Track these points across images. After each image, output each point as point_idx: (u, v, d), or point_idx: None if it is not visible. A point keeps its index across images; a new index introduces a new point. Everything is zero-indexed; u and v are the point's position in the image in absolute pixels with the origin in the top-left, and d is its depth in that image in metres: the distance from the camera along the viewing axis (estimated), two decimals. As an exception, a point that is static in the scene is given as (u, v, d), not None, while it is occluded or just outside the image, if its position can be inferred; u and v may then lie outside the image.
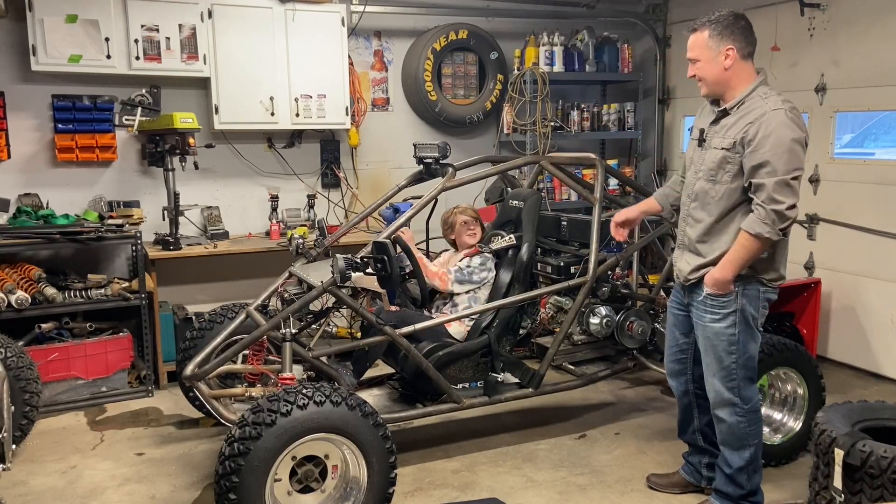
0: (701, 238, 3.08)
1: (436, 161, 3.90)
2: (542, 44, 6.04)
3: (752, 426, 3.15)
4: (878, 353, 5.06)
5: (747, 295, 3.03)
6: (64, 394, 4.62)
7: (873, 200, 4.93)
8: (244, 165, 5.63)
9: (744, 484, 3.19)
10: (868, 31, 4.92)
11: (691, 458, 3.54)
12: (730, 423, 3.14)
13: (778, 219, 2.86)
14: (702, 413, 3.42)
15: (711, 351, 3.11)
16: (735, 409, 3.12)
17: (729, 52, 2.95)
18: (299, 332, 3.68)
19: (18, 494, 3.58)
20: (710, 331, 3.09)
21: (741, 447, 3.15)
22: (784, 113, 2.88)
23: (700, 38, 2.99)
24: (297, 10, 5.26)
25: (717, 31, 2.95)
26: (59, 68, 4.73)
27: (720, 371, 3.10)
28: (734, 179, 2.96)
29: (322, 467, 3.07)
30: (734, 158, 2.94)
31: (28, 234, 4.55)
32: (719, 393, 3.13)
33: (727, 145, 2.96)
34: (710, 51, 2.97)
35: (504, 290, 4.02)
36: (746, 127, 2.91)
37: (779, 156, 2.83)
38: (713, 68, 2.98)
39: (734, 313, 3.03)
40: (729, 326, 3.04)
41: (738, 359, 3.07)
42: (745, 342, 3.06)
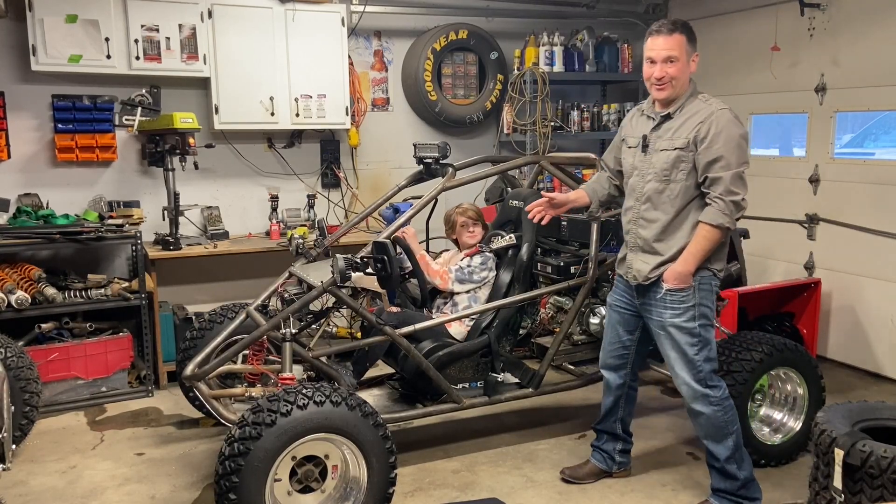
0: (658, 237, 3.19)
1: (436, 161, 3.90)
2: (542, 44, 6.04)
3: (727, 413, 3.23)
4: (878, 353, 5.06)
5: (702, 289, 3.16)
6: (64, 394, 4.63)
7: (873, 200, 4.93)
8: (244, 165, 5.63)
9: (736, 474, 3.25)
10: (868, 31, 4.92)
11: (605, 446, 3.69)
12: (707, 414, 3.21)
13: (735, 209, 3.06)
14: (628, 403, 3.61)
15: (675, 347, 3.20)
16: (709, 399, 3.20)
17: (696, 59, 3.16)
18: (299, 332, 3.68)
19: (18, 494, 3.58)
20: (671, 326, 3.18)
21: (723, 437, 3.23)
22: (729, 112, 3.09)
23: (681, 40, 3.11)
24: (297, 10, 5.26)
25: (692, 37, 3.14)
26: (59, 68, 4.73)
27: (686, 366, 3.19)
28: (688, 177, 3.11)
29: (322, 467, 3.07)
30: (688, 157, 3.09)
31: (28, 234, 4.55)
32: (690, 387, 3.20)
33: (681, 145, 3.10)
34: (687, 54, 3.13)
35: (504, 291, 4.02)
36: (697, 126, 3.07)
37: (731, 150, 3.02)
38: (685, 72, 3.14)
39: (693, 307, 3.14)
40: (689, 320, 3.15)
41: (701, 351, 3.16)
42: (705, 334, 3.17)
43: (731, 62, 5.94)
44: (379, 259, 3.31)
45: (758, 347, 3.70)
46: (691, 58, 3.14)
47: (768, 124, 5.98)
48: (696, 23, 6.15)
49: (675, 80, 3.11)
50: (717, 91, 5.95)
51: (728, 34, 5.95)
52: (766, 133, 6.08)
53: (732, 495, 3.28)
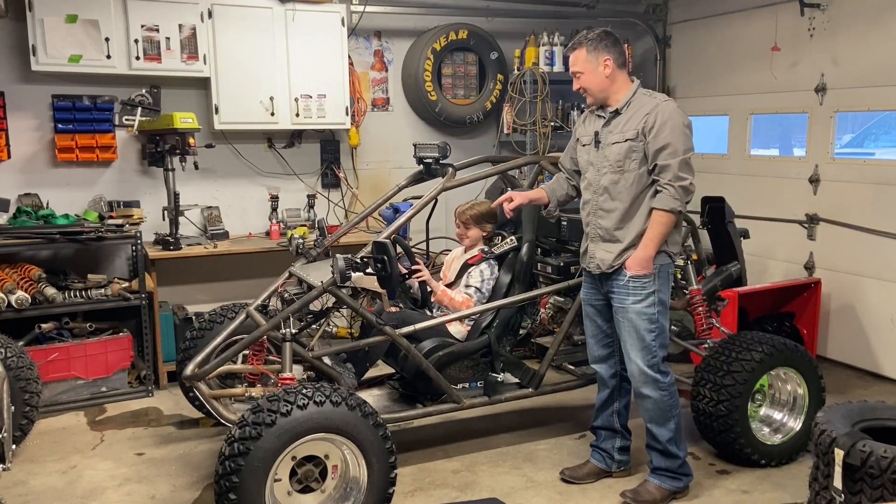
0: (617, 225, 3.34)
1: (436, 161, 3.90)
2: (542, 44, 6.04)
3: (672, 398, 3.41)
4: (878, 353, 5.06)
5: (661, 276, 3.32)
6: (64, 394, 4.63)
7: (873, 200, 4.93)
8: (244, 165, 5.63)
9: (676, 453, 3.44)
10: (868, 31, 4.92)
11: (604, 445, 3.74)
12: (654, 398, 3.37)
13: (685, 193, 3.21)
14: (622, 396, 3.68)
15: (634, 332, 3.34)
16: (658, 384, 3.36)
17: (607, 62, 3.31)
18: (299, 332, 3.68)
19: (18, 494, 3.58)
20: (631, 311, 3.33)
21: (667, 420, 3.40)
22: (672, 103, 3.29)
23: (579, 54, 3.34)
24: (297, 10, 5.26)
25: (594, 45, 3.32)
26: (59, 68, 4.73)
27: (642, 350, 3.33)
28: (640, 165, 3.27)
29: (322, 467, 3.07)
30: (639, 146, 3.26)
31: (28, 234, 4.55)
32: (642, 371, 3.35)
33: (631, 136, 3.27)
34: (591, 63, 3.33)
35: (504, 291, 4.02)
36: (644, 118, 3.25)
37: (677, 138, 3.20)
38: (596, 78, 3.33)
39: (654, 294, 3.30)
40: (649, 306, 3.31)
41: (657, 337, 3.33)
42: (661, 320, 3.34)
43: (731, 62, 5.94)
44: (379, 259, 3.31)
45: (758, 347, 3.70)
46: (600, 64, 3.30)
47: (768, 124, 5.99)
48: (696, 23, 6.23)
49: (588, 88, 3.36)
50: (717, 91, 6.00)
51: (728, 34, 5.95)
52: (766, 133, 6.09)
53: (673, 473, 3.47)
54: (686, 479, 3.51)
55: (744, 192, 5.71)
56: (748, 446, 3.72)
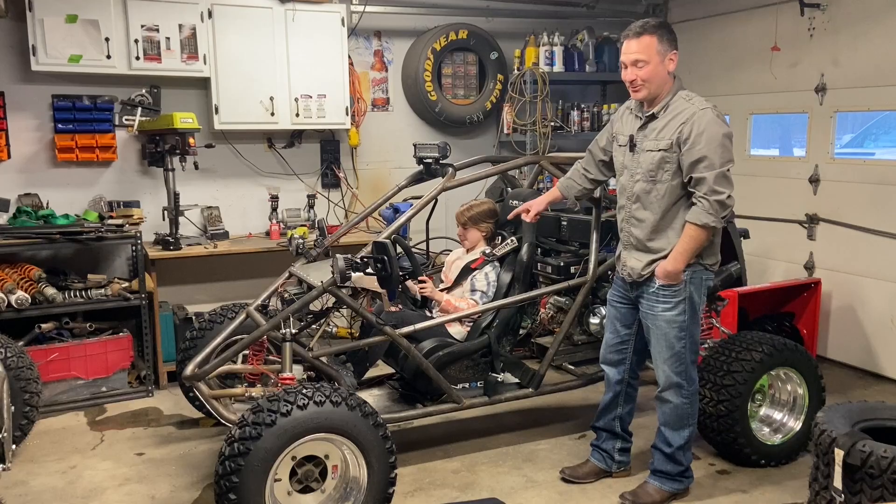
0: (649, 236, 3.27)
1: (436, 161, 3.90)
2: (542, 44, 6.04)
3: (693, 406, 3.40)
4: (878, 353, 5.06)
5: (694, 282, 3.24)
6: (64, 394, 4.62)
7: (873, 200, 4.93)
8: (244, 165, 5.63)
9: (682, 461, 3.43)
10: (868, 31, 4.92)
11: (604, 445, 3.72)
12: (675, 404, 3.35)
13: (720, 208, 3.09)
14: (627, 401, 3.64)
15: (663, 338, 3.29)
16: (681, 391, 3.33)
17: (673, 57, 3.18)
18: (299, 332, 3.68)
19: (18, 494, 3.58)
20: (661, 319, 3.27)
21: (682, 427, 3.38)
22: (711, 111, 3.14)
23: (650, 42, 3.15)
24: (297, 10, 5.26)
25: (665, 36, 3.16)
26: (59, 68, 4.73)
27: (671, 357, 3.29)
28: (674, 177, 3.17)
29: (322, 467, 3.07)
30: (672, 157, 3.15)
31: (28, 234, 4.55)
32: (668, 377, 3.32)
33: (664, 146, 3.15)
34: (659, 55, 3.16)
35: (504, 291, 4.02)
36: (680, 127, 3.12)
37: (714, 150, 3.06)
38: (660, 72, 3.17)
39: (684, 301, 3.24)
40: (679, 314, 3.24)
41: (687, 344, 3.28)
42: (692, 327, 3.29)
43: (731, 62, 5.94)
44: (379, 259, 3.31)
45: (758, 347, 3.70)
46: (667, 57, 3.16)
47: (768, 124, 5.98)
48: (696, 23, 6.22)
49: (647, 82, 3.18)
50: (717, 91, 5.99)
51: (728, 34, 5.95)
52: (766, 133, 6.08)
53: (673, 477, 3.45)
54: (687, 481, 3.50)
55: (744, 192, 5.65)
56: (748, 446, 3.72)
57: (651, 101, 3.24)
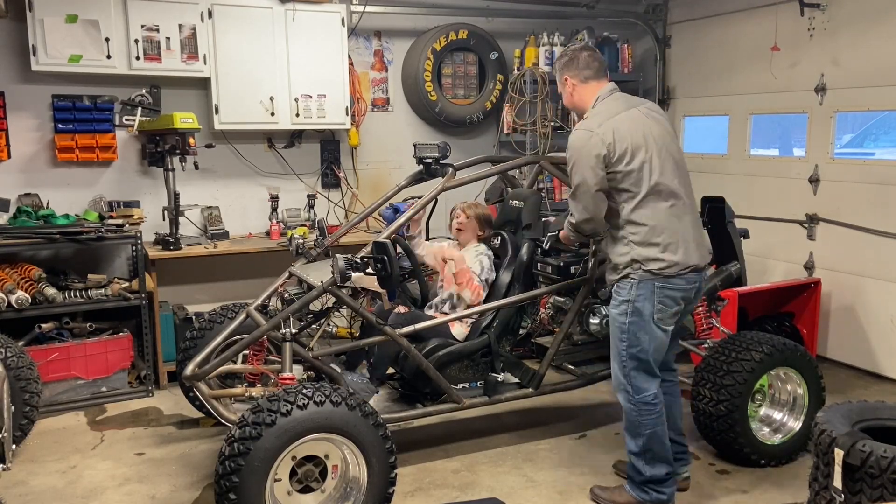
0: None
1: (436, 161, 3.90)
2: (542, 44, 6.04)
3: (643, 416, 3.27)
4: (878, 353, 5.06)
5: (641, 289, 3.17)
6: (64, 394, 4.63)
7: (873, 200, 4.93)
8: (244, 165, 5.63)
9: (642, 469, 3.31)
10: (868, 31, 4.92)
11: None
12: (624, 408, 3.33)
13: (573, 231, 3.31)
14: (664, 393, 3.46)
15: (613, 337, 3.31)
16: (627, 395, 3.29)
17: (565, 80, 3.32)
18: (299, 332, 3.68)
19: (18, 494, 3.58)
20: (611, 315, 3.32)
21: (635, 434, 3.31)
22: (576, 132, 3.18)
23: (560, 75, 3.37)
24: (297, 10, 5.26)
25: (557, 67, 3.38)
26: (59, 68, 4.73)
27: (615, 356, 3.30)
28: None
29: (322, 467, 3.07)
30: None
31: (28, 234, 4.55)
32: (616, 376, 3.32)
33: None
34: (560, 84, 3.38)
35: (504, 290, 4.02)
36: None
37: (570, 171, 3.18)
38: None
39: (626, 303, 3.20)
40: (621, 314, 3.23)
41: (628, 348, 3.22)
42: (636, 333, 3.20)
43: (731, 62, 5.94)
44: (379, 259, 3.31)
45: (758, 347, 3.70)
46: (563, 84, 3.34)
47: (768, 124, 5.99)
48: (696, 23, 6.23)
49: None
50: (717, 91, 6.00)
51: (728, 34, 5.95)
52: (765, 133, 6.09)
53: (638, 486, 3.36)
54: (655, 494, 3.30)
55: (744, 192, 5.71)
56: (748, 446, 3.72)
57: None
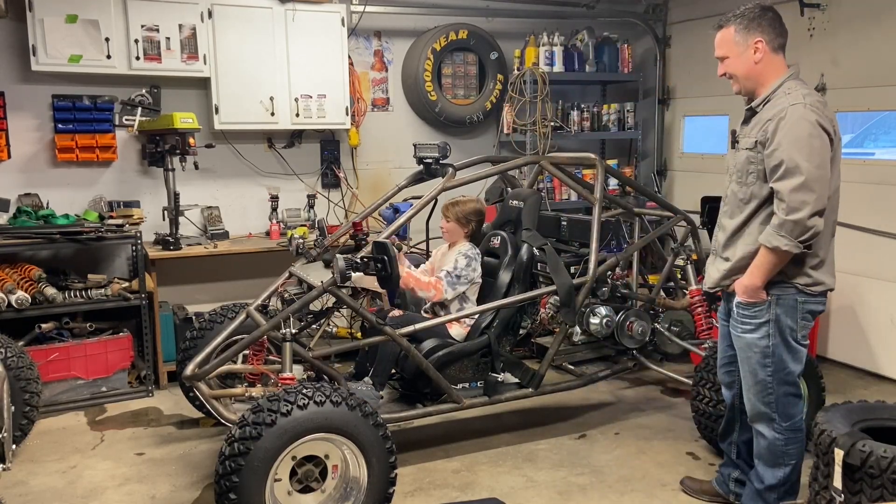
0: (726, 243, 3.00)
1: (436, 161, 3.90)
2: (542, 44, 6.04)
3: (789, 445, 3.01)
4: (878, 353, 5.06)
5: (782, 304, 2.87)
6: (64, 394, 4.62)
7: (873, 200, 4.93)
8: (244, 165, 5.63)
9: (771, 502, 3.08)
10: (868, 31, 4.92)
11: (723, 469, 3.45)
12: (768, 438, 3.03)
13: (796, 230, 2.69)
14: (743, 428, 3.29)
15: (746, 363, 3.00)
16: (773, 424, 3.00)
17: (758, 45, 2.86)
18: (299, 332, 3.68)
19: (18, 494, 3.58)
20: (742, 342, 2.98)
21: (776, 465, 3.04)
22: (802, 106, 2.73)
23: (727, 35, 2.90)
24: (297, 10, 5.26)
25: (742, 24, 2.86)
26: (59, 68, 4.73)
27: (755, 385, 2.99)
28: (758, 180, 2.85)
29: (322, 467, 3.07)
30: (756, 158, 2.83)
31: (28, 234, 4.55)
32: (755, 407, 3.03)
33: (749, 145, 2.86)
34: (738, 46, 2.88)
35: (504, 290, 4.01)
36: (766, 125, 2.79)
37: (794, 155, 2.68)
38: (743, 63, 2.88)
39: (767, 324, 2.89)
40: (762, 338, 2.91)
41: (774, 373, 2.93)
42: (782, 355, 2.91)
43: (731, 62, 5.92)
44: (379, 259, 3.31)
45: (758, 347, 3.69)
46: (749, 47, 2.85)
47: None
48: (696, 23, 6.22)
49: (735, 75, 2.92)
50: (717, 91, 5.98)
51: (728, 34, 5.94)
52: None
53: None
54: None
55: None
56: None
57: (754, 94, 2.93)
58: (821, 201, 2.70)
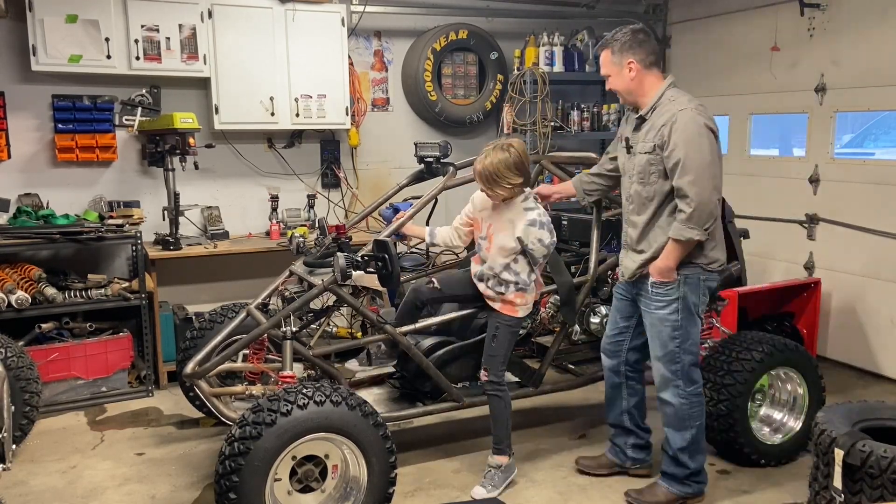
0: (639, 238, 3.31)
1: (437, 160, 3.90)
2: (542, 44, 6.04)
3: (693, 408, 3.34)
4: (878, 353, 5.06)
5: (688, 283, 3.23)
6: (64, 394, 4.62)
7: (873, 200, 4.93)
8: (244, 165, 5.63)
9: (687, 463, 3.37)
10: (868, 31, 4.92)
11: (617, 440, 3.71)
12: (673, 404, 3.33)
13: (700, 218, 3.05)
14: (630, 394, 3.63)
15: (657, 336, 3.31)
16: (678, 390, 3.31)
17: (631, 65, 3.21)
18: (300, 330, 3.68)
19: (18, 494, 3.58)
20: (655, 317, 3.30)
21: (683, 428, 3.34)
22: (690, 111, 3.08)
23: (606, 57, 3.28)
24: (297, 10, 5.26)
25: (616, 48, 3.23)
26: (59, 68, 4.73)
27: (665, 355, 3.30)
28: (660, 179, 3.18)
29: (322, 467, 3.07)
30: (656, 160, 3.16)
31: (28, 234, 4.55)
32: (663, 375, 3.33)
33: (648, 149, 3.18)
34: (616, 66, 3.25)
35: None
36: (661, 129, 3.12)
37: (690, 153, 3.04)
38: (621, 81, 3.25)
39: (677, 300, 3.24)
40: (672, 313, 3.25)
41: (682, 343, 3.27)
42: (688, 327, 3.27)
43: (731, 62, 5.94)
44: (380, 258, 3.31)
45: (758, 347, 3.70)
46: (624, 67, 3.22)
47: (768, 124, 5.99)
48: (696, 23, 6.23)
49: (617, 91, 3.29)
50: (717, 91, 5.99)
51: (728, 34, 5.95)
52: (765, 133, 6.09)
53: (681, 480, 3.40)
54: (697, 486, 3.43)
55: (744, 192, 5.70)
56: (748, 446, 3.72)
57: (638, 105, 3.28)
58: (717, 190, 3.10)
